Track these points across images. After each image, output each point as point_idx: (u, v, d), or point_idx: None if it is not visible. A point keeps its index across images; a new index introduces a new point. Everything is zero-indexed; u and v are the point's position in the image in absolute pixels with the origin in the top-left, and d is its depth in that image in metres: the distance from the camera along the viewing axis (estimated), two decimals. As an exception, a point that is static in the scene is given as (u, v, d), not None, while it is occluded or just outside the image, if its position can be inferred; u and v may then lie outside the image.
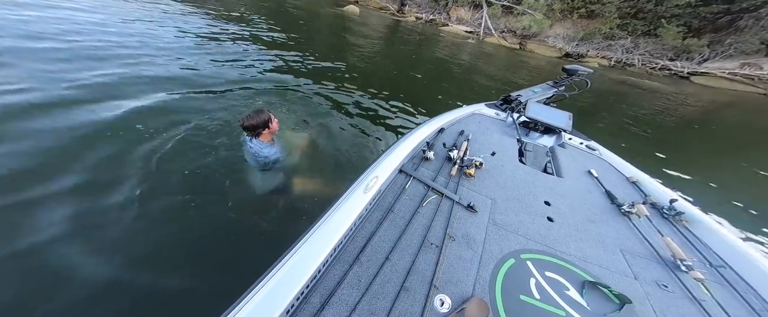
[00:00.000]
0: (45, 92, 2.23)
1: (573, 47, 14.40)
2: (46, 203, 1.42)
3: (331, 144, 2.43)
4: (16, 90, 2.16)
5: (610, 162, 1.70)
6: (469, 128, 1.70)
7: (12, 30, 3.09)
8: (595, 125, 5.28)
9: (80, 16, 4.06)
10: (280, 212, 1.66)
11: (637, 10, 13.51)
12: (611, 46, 13.97)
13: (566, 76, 2.40)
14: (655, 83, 11.27)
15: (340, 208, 0.85)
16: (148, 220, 1.46)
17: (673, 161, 3.90)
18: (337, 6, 13.76)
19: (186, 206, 1.56)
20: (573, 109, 2.06)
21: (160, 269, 1.27)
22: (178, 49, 3.77)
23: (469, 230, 0.94)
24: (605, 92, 8.56)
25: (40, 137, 1.80)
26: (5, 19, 3.34)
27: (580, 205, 1.22)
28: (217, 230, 1.48)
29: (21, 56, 2.64)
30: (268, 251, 1.37)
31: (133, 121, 2.10)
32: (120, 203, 1.49)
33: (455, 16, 15.62)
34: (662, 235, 1.06)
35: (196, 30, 4.82)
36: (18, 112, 1.95)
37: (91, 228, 1.37)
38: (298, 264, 0.67)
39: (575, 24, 14.82)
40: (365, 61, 5.79)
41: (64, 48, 3.03)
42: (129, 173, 1.68)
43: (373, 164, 1.12)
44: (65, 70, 2.61)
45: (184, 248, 1.39)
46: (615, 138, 4.56)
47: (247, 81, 3.36)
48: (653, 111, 7.01)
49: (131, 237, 1.37)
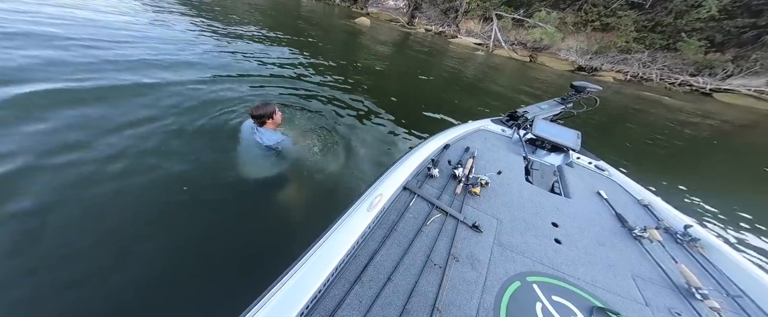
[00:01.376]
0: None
1: (586, 61, 14.07)
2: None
3: (338, 151, 2.47)
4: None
5: (620, 184, 1.64)
6: (475, 144, 1.68)
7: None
8: (609, 143, 5.03)
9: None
10: (281, 220, 1.69)
11: (655, 23, 13.10)
12: (627, 60, 13.54)
13: (574, 93, 2.35)
14: (674, 100, 10.72)
15: (342, 226, 0.84)
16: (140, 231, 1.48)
17: (692, 184, 3.66)
18: (349, 18, 14.14)
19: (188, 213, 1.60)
20: (585, 126, 2.05)
21: (144, 288, 1.25)
22: (196, 58, 4.02)
23: (473, 251, 0.92)
24: (620, 108, 8.24)
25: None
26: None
27: (589, 227, 1.18)
28: (217, 241, 1.50)
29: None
30: (269, 265, 1.38)
31: (153, 132, 2.21)
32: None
33: (465, 28, 15.66)
34: (676, 261, 1.01)
35: (213, 42, 5.07)
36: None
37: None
38: (299, 283, 0.66)
39: (589, 37, 14.52)
40: (374, 72, 5.88)
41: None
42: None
43: (377, 181, 1.11)
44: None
45: (190, 255, 1.40)
46: (630, 158, 4.33)
47: (261, 86, 3.54)
48: (672, 130, 6.65)
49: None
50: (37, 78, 2.48)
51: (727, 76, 12.05)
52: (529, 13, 14.55)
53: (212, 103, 2.78)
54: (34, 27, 3.53)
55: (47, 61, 2.85)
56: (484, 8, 14.75)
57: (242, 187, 1.81)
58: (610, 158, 1.93)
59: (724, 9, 11.85)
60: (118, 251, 1.36)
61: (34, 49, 3.04)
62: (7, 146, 1.73)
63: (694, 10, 12.03)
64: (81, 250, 1.32)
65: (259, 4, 11.63)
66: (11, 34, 3.20)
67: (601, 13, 14.03)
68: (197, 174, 1.84)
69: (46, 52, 3.03)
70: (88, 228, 1.43)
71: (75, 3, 5.14)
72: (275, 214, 1.72)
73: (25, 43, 3.12)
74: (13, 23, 3.48)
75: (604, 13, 13.95)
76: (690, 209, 3.05)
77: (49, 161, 1.72)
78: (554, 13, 14.30)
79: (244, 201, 1.76)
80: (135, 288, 1.22)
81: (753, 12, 11.45)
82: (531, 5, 14.70)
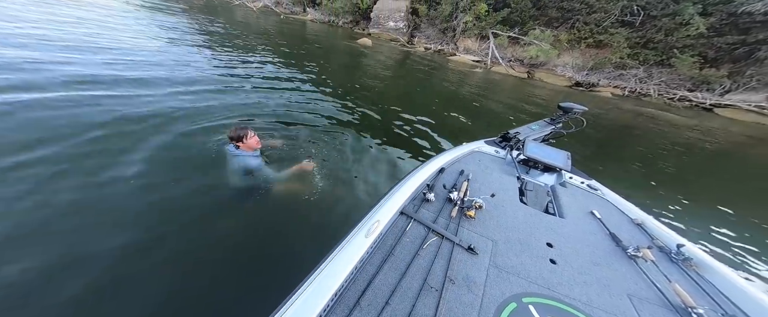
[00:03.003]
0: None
1: (583, 76, 14.37)
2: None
3: (331, 171, 2.48)
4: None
5: (613, 203, 1.66)
6: (469, 167, 1.71)
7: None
8: (609, 159, 4.99)
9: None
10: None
11: (646, 40, 13.50)
12: (623, 75, 13.83)
13: (562, 114, 2.41)
14: (675, 115, 10.80)
15: (341, 252, 0.86)
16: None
17: (697, 201, 3.60)
18: (351, 39, 14.65)
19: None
20: (584, 142, 2.10)
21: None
22: (203, 79, 4.23)
23: (469, 273, 0.93)
24: (619, 123, 8.27)
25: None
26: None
27: (583, 247, 1.20)
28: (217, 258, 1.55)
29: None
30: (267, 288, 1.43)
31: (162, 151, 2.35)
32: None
33: (463, 46, 16.15)
34: (670, 281, 1.02)
35: (221, 63, 5.32)
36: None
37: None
38: (299, 310, 0.68)
39: (584, 53, 14.92)
40: (374, 90, 5.99)
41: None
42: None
43: (375, 207, 1.14)
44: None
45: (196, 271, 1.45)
46: (632, 174, 4.27)
47: (265, 105, 3.72)
48: (674, 145, 6.62)
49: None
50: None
51: (726, 91, 12.24)
52: (524, 32, 15.05)
53: (205, 118, 2.95)
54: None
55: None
56: (480, 27, 15.28)
57: (232, 211, 1.89)
58: (610, 176, 1.95)
59: (712, 27, 12.24)
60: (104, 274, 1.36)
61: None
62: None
63: (683, 27, 12.44)
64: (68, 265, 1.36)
65: (268, 27, 12.32)
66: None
67: (593, 30, 14.51)
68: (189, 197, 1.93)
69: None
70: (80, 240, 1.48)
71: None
72: (272, 240, 1.76)
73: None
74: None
75: (596, 30, 14.43)
76: (695, 228, 3.01)
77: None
78: (548, 31, 14.79)
79: (238, 230, 1.80)
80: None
81: (741, 29, 11.82)
82: (525, 24, 15.23)
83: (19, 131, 2.18)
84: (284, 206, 2.01)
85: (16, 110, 2.41)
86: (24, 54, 3.61)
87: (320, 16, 18.33)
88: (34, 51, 3.79)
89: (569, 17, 14.85)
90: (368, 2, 16.74)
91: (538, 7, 15.26)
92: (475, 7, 14.95)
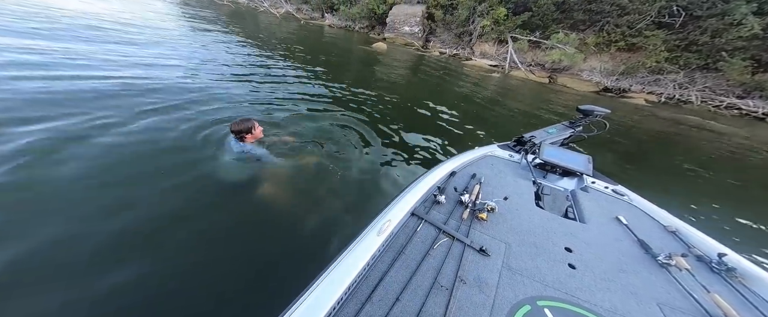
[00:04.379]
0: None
1: (613, 82, 13.29)
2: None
3: (341, 169, 2.50)
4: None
5: (641, 209, 1.55)
6: (482, 170, 1.66)
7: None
8: (640, 171, 4.49)
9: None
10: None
11: (688, 42, 12.24)
12: (659, 80, 12.60)
13: (582, 117, 2.31)
14: (721, 124, 9.55)
15: (354, 249, 0.89)
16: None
17: (751, 219, 3.09)
18: (367, 43, 14.81)
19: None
20: (608, 152, 1.79)
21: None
22: (221, 82, 4.45)
23: (481, 274, 0.92)
24: (654, 133, 7.43)
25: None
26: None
27: (607, 253, 1.13)
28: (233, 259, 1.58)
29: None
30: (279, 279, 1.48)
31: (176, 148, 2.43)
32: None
33: (479, 50, 15.69)
34: (708, 291, 0.95)
35: (239, 65, 5.62)
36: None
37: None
38: (315, 302, 0.71)
39: (614, 57, 13.85)
40: (389, 92, 5.95)
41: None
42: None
43: (386, 207, 1.15)
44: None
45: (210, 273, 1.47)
46: (667, 188, 3.83)
47: (281, 104, 3.86)
48: (719, 158, 5.78)
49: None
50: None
51: (785, 98, 10.68)
52: (546, 35, 14.30)
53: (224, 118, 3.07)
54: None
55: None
56: (498, 31, 14.76)
57: (245, 205, 1.91)
58: (639, 188, 1.79)
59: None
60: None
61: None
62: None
63: (734, 28, 11.10)
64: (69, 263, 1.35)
65: (291, 32, 12.87)
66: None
67: (625, 33, 13.43)
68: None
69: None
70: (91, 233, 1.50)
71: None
72: (290, 237, 1.80)
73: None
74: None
75: (629, 33, 13.34)
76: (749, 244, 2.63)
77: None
78: (573, 35, 13.93)
79: (259, 225, 1.84)
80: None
81: (806, 29, 10.33)
82: (547, 27, 14.49)
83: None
84: (296, 201, 2.04)
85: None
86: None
87: (337, 21, 18.80)
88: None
89: (597, 20, 13.90)
90: (384, 8, 16.88)
91: (563, 10, 14.47)
92: (494, 11, 14.49)
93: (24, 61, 3.36)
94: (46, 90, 2.82)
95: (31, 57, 3.54)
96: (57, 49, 4.01)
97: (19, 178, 1.70)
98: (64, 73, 3.31)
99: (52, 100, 2.66)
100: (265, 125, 2.90)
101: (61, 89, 2.92)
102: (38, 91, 2.75)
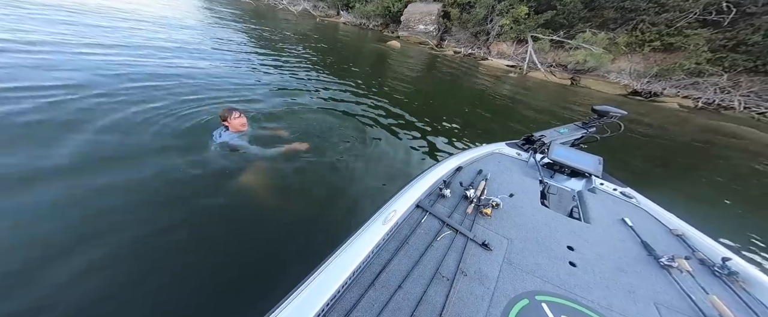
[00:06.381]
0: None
1: (643, 84, 12.24)
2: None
3: (345, 161, 2.54)
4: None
5: (649, 211, 1.54)
6: (488, 167, 1.67)
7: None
8: (676, 180, 4.21)
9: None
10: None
11: (736, 42, 10.96)
12: (698, 84, 11.42)
13: (596, 118, 2.26)
14: (765, 133, 8.51)
15: (360, 237, 0.92)
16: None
17: None
18: (380, 41, 14.75)
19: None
20: (633, 157, 1.75)
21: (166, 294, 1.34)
22: (240, 77, 4.66)
23: (481, 267, 0.94)
24: (686, 140, 6.75)
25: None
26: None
27: (609, 253, 1.14)
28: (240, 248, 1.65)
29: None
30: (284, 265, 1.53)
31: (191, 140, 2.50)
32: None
33: (496, 50, 15.07)
34: (707, 293, 0.95)
35: (257, 62, 5.82)
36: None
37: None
38: (320, 285, 0.74)
39: (647, 58, 12.74)
40: (399, 90, 5.93)
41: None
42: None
43: (392, 198, 1.18)
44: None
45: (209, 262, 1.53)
46: (700, 201, 3.52)
47: (293, 99, 3.92)
48: (763, 170, 5.12)
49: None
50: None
51: None
52: (571, 35, 13.42)
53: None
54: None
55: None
56: (518, 31, 14.07)
57: (222, 196, 1.93)
58: (668, 200, 1.73)
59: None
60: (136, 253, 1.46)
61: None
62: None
63: (794, 26, 9.78)
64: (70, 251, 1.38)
65: (307, 29, 13.16)
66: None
67: (662, 32, 12.28)
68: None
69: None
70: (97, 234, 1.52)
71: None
72: (295, 225, 1.86)
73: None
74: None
75: (667, 32, 12.17)
76: None
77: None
78: (602, 34, 12.96)
79: (270, 212, 1.91)
80: (155, 295, 1.31)
81: None
82: (573, 26, 13.59)
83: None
84: (279, 194, 2.07)
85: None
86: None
87: (352, 18, 18.87)
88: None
89: (631, 18, 12.84)
90: (399, 6, 16.69)
91: (591, 8, 13.49)
92: (514, 10, 13.81)
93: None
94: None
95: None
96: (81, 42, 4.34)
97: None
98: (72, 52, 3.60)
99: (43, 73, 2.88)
100: (260, 117, 3.05)
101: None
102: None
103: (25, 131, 2.11)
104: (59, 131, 2.16)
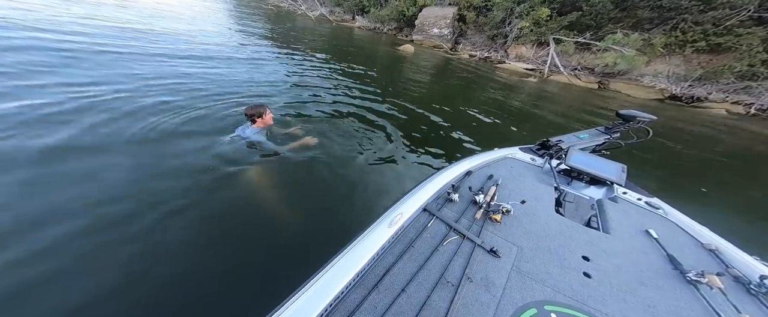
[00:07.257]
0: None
1: (684, 88, 10.96)
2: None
3: (355, 162, 2.54)
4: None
5: (677, 223, 1.43)
6: (499, 172, 1.61)
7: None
8: (719, 193, 3.72)
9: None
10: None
11: (801, 42, 9.46)
12: (751, 88, 9.99)
13: (621, 123, 2.12)
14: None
15: (365, 239, 0.91)
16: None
17: None
18: (394, 45, 14.71)
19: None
20: (668, 170, 1.70)
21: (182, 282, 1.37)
22: (259, 79, 4.90)
23: (488, 274, 0.91)
24: (735, 151, 5.83)
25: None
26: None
27: (629, 265, 1.06)
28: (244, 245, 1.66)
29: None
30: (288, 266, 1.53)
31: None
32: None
33: (514, 53, 14.37)
34: (740, 312, 0.86)
35: (275, 64, 6.13)
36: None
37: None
38: (324, 285, 0.75)
39: (689, 60, 11.44)
40: (412, 94, 5.86)
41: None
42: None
43: (399, 201, 1.17)
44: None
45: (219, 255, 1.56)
46: (756, 219, 3.13)
47: (307, 98, 4.08)
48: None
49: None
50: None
51: None
52: (599, 36, 12.44)
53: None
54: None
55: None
56: (539, 33, 13.33)
57: (232, 190, 1.94)
58: (703, 216, 1.54)
59: None
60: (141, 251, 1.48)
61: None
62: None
63: None
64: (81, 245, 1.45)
65: (322, 33, 13.60)
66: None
67: (708, 31, 10.97)
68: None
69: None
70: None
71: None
72: (301, 225, 1.86)
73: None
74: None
75: (714, 31, 10.85)
76: None
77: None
78: (635, 35, 11.87)
79: (270, 213, 1.90)
80: (160, 288, 1.33)
81: None
82: (601, 27, 12.60)
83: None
84: (287, 192, 2.09)
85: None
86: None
87: (367, 23, 19.11)
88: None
89: (670, 17, 11.64)
90: (414, 9, 16.60)
91: (623, 8, 12.45)
92: (535, 12, 13.13)
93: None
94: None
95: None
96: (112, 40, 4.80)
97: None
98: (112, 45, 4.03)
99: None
100: (276, 116, 3.15)
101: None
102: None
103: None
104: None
